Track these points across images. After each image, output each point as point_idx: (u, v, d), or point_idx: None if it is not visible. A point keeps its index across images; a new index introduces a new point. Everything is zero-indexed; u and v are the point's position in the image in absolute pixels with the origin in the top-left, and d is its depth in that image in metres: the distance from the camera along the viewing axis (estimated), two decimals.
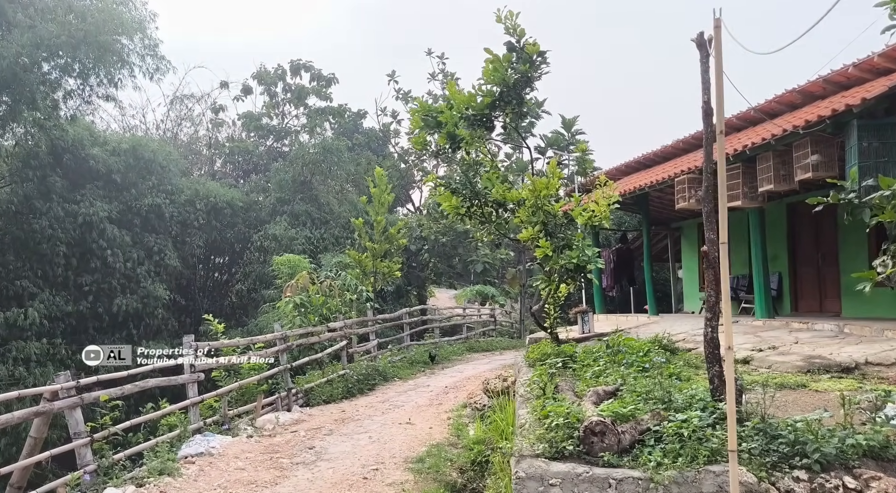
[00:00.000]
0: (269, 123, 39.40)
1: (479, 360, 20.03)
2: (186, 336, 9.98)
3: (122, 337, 26.60)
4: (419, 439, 9.55)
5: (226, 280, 35.44)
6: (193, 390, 9.76)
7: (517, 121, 9.20)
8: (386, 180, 19.69)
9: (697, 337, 12.24)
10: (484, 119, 9.12)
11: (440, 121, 9.25)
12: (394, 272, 19.14)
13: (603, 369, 8.47)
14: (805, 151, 9.87)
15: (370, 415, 11.44)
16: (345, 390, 13.43)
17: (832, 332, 10.92)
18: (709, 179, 6.71)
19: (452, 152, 9.58)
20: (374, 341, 17.41)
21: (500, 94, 8.87)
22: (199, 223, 30.40)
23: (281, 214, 32.42)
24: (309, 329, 13.77)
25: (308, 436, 9.95)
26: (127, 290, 26.71)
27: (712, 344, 6.38)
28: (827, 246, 14.52)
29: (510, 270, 37.41)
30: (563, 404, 5.90)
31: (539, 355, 10.12)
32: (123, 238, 26.85)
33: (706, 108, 6.63)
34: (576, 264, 8.36)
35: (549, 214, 8.77)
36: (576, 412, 5.49)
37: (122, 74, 24.15)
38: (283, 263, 19.02)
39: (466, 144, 9.20)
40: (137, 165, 28.28)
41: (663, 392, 6.04)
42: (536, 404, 6.47)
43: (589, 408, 6.04)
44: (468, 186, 9.60)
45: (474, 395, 11.24)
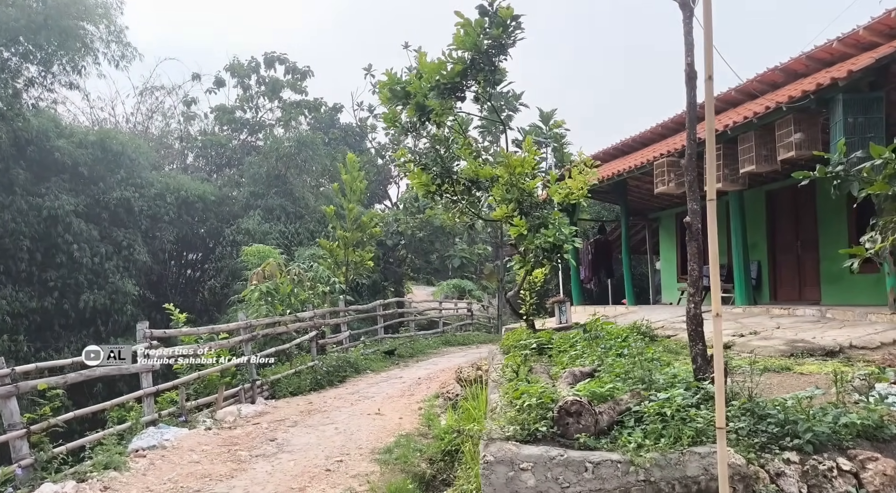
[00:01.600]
0: (243, 117, 38.69)
1: (455, 353, 19.59)
2: (140, 323, 9.42)
3: (90, 334, 25.94)
4: (388, 429, 9.08)
5: (198, 277, 34.72)
6: (147, 379, 9.20)
7: (490, 89, 8.74)
8: (358, 167, 19.14)
9: (677, 324, 11.91)
10: (455, 88, 8.64)
11: (408, 91, 8.77)
12: (366, 262, 18.62)
13: (580, 353, 8.07)
14: (788, 129, 9.53)
15: (338, 407, 10.95)
16: (313, 381, 12.90)
17: (814, 317, 10.62)
18: (692, 147, 6.33)
19: (422, 125, 9.09)
20: (345, 332, 16.89)
21: (471, 61, 8.40)
22: (170, 217, 29.67)
23: (254, 209, 31.79)
24: (276, 319, 13.21)
25: (271, 428, 9.44)
26: (94, 285, 26.00)
27: (695, 321, 5.98)
28: (806, 233, 14.27)
29: (487, 265, 37.04)
30: (537, 386, 5.47)
31: (514, 342, 9.71)
32: (91, 232, 26.14)
33: (689, 71, 6.23)
34: (552, 243, 7.94)
35: (524, 192, 8.34)
36: (550, 392, 5.05)
37: (87, 62, 23.37)
38: (252, 253, 18.43)
39: (436, 115, 8.72)
40: (105, 158, 27.51)
41: (644, 372, 5.63)
42: (508, 386, 6.03)
43: (564, 389, 5.61)
44: (439, 162, 9.13)
45: (447, 384, 10.79)
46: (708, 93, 4.25)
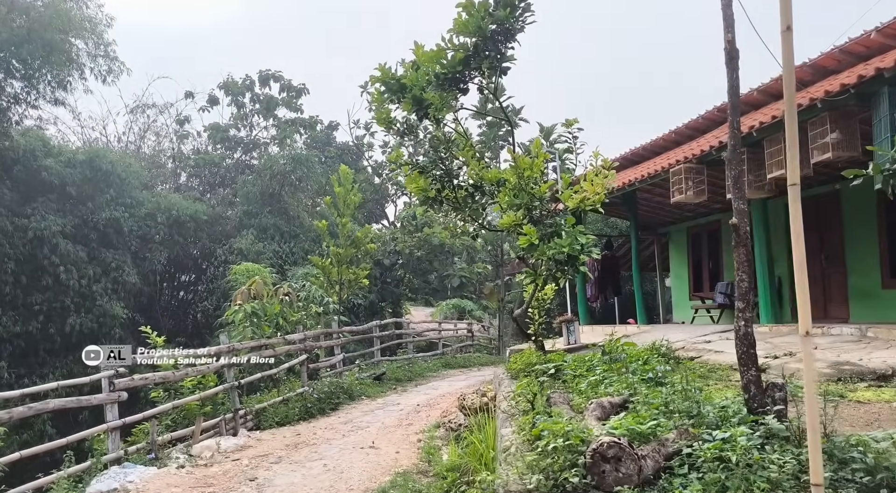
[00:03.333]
0: (237, 135, 37.93)
1: (456, 376, 18.55)
2: (103, 348, 8.44)
3: (76, 359, 24.89)
4: (383, 466, 8.06)
5: (191, 298, 33.76)
6: (112, 412, 8.19)
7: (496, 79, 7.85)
8: (351, 179, 18.23)
9: (699, 345, 10.96)
10: (456, 78, 7.75)
11: (404, 84, 7.88)
12: (360, 280, 17.65)
13: (600, 378, 7.11)
14: (823, 128, 8.65)
15: (329, 439, 9.92)
16: (303, 410, 11.86)
17: (853, 336, 9.66)
18: (735, 137, 5.42)
19: (420, 121, 8.19)
20: (339, 355, 15.87)
21: (474, 47, 7.51)
22: (161, 238, 28.83)
23: (248, 228, 30.95)
24: (262, 342, 12.21)
25: (251, 465, 8.42)
26: (81, 309, 25.17)
27: (746, 342, 5.04)
28: (831, 247, 13.35)
29: (487, 284, 36.08)
30: (560, 421, 4.51)
31: (523, 366, 8.76)
32: (78, 254, 25.38)
33: (730, 48, 5.35)
34: (567, 253, 7.01)
35: (534, 198, 7.43)
36: (578, 430, 4.09)
37: (73, 76, 22.51)
38: (240, 272, 17.48)
39: (435, 110, 7.83)
40: (95, 178, 26.77)
41: (689, 403, 4.66)
42: (524, 421, 5.06)
43: (593, 425, 4.65)
44: (439, 165, 8.21)
45: (449, 413, 9.79)
46: (786, 47, 3.32)
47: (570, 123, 7.96)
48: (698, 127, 13.49)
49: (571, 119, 7.98)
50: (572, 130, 7.95)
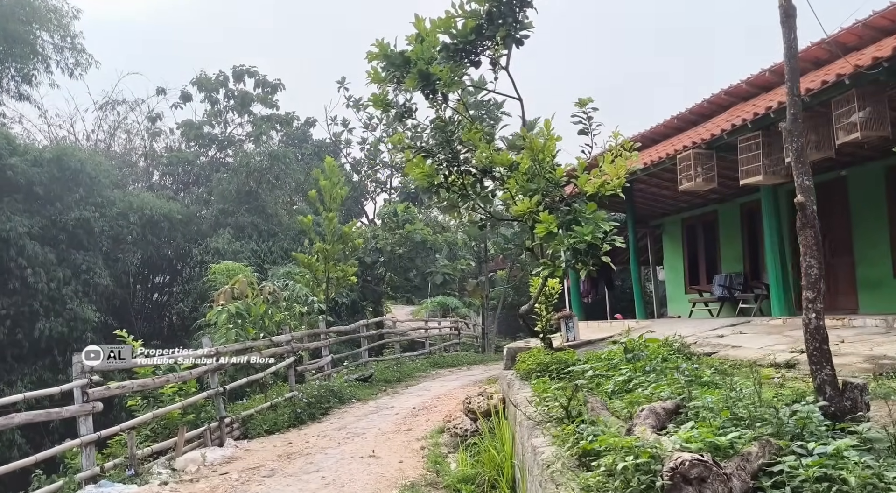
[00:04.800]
0: (211, 132, 36.90)
1: (446, 376, 17.93)
2: (77, 354, 7.66)
3: (46, 365, 24.17)
4: (387, 478, 7.40)
5: (166, 301, 32.76)
6: (86, 425, 7.42)
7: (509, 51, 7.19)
8: (338, 172, 17.47)
9: (711, 340, 10.42)
10: (467, 49, 7.09)
11: (408, 58, 7.20)
12: (349, 277, 16.91)
13: (627, 378, 6.49)
14: (850, 107, 8.13)
15: (324, 447, 9.22)
16: (292, 416, 11.13)
17: (880, 328, 9.17)
18: (796, 105, 4.84)
19: (426, 98, 7.51)
20: (327, 356, 15.13)
21: (487, 14, 6.82)
22: (134, 238, 27.88)
23: (224, 227, 30.02)
24: (247, 344, 11.45)
25: (242, 479, 7.69)
26: (51, 313, 24.24)
27: (818, 336, 4.46)
28: (838, 235, 12.90)
29: (471, 281, 35.48)
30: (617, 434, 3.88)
31: (534, 366, 8.11)
32: (47, 256, 24.45)
33: (786, 6, 4.77)
34: (589, 242, 6.41)
35: (550, 182, 6.80)
36: (650, 445, 3.45)
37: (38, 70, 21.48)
38: (220, 271, 16.64)
39: (444, 85, 7.16)
40: (63, 177, 25.82)
41: (764, 409, 4.05)
42: (566, 431, 4.42)
43: (649, 436, 4.01)
44: (446, 147, 7.54)
45: (453, 417, 9.14)
46: None
47: (584, 102, 7.35)
48: (703, 112, 12.96)
49: (585, 98, 7.37)
50: (586, 109, 7.34)
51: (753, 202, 14.99)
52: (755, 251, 15.03)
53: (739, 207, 15.35)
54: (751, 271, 15.11)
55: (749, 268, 15.15)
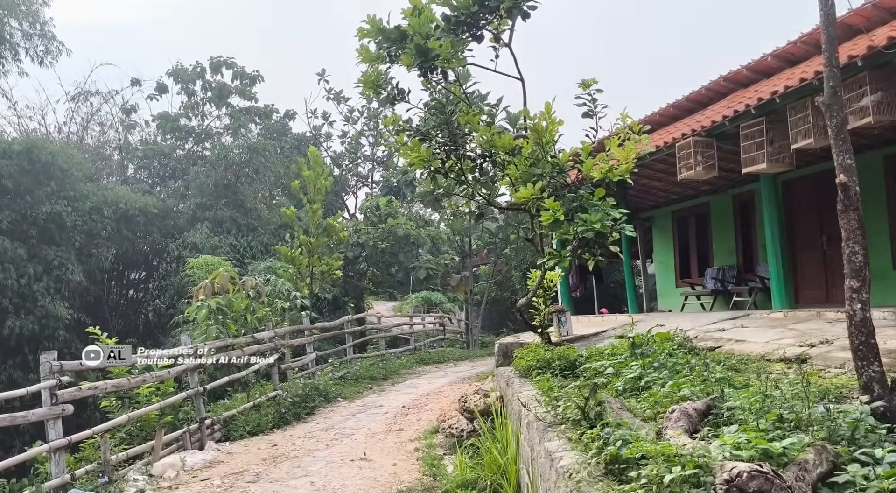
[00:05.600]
0: (188, 125, 36.09)
1: (433, 373, 17.50)
2: (45, 354, 7.11)
3: (16, 364, 23.51)
4: (381, 482, 6.95)
5: (141, 297, 32.00)
6: (56, 429, 6.87)
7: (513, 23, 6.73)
8: (322, 162, 16.91)
9: (712, 334, 10.08)
10: (469, 22, 6.64)
11: (404, 32, 6.72)
12: (334, 271, 16.39)
13: (637, 375, 6.11)
14: (861, 90, 7.80)
15: (311, 450, 8.74)
16: (277, 416, 10.63)
17: (888, 320, 8.87)
18: (835, 78, 4.47)
19: (424, 75, 7.04)
20: (311, 354, 14.61)
21: None
22: (108, 233, 27.13)
23: (202, 221, 29.32)
24: (228, 341, 10.91)
25: (224, 486, 7.21)
26: (21, 310, 23.59)
27: (863, 330, 4.09)
28: (834, 228, 12.57)
29: (454, 276, 35.01)
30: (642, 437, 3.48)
31: (534, 362, 7.70)
32: (16, 251, 23.78)
33: None
34: (597, 230, 6.01)
35: (556, 167, 6.38)
36: (698, 453, 3.04)
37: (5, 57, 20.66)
38: (199, 266, 16.07)
39: (443, 61, 6.70)
40: (33, 170, 25.11)
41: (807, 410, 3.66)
42: (589, 435, 3.99)
43: (686, 441, 3.62)
44: (444, 129, 7.07)
45: (448, 417, 8.71)
46: None
47: (588, 83, 6.94)
48: (700, 100, 12.61)
49: (589, 79, 6.97)
50: (591, 91, 6.94)
51: (746, 194, 14.71)
52: (749, 244, 14.76)
53: (732, 199, 15.07)
54: (744, 263, 14.83)
55: (742, 261, 14.87)
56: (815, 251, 13.03)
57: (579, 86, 6.96)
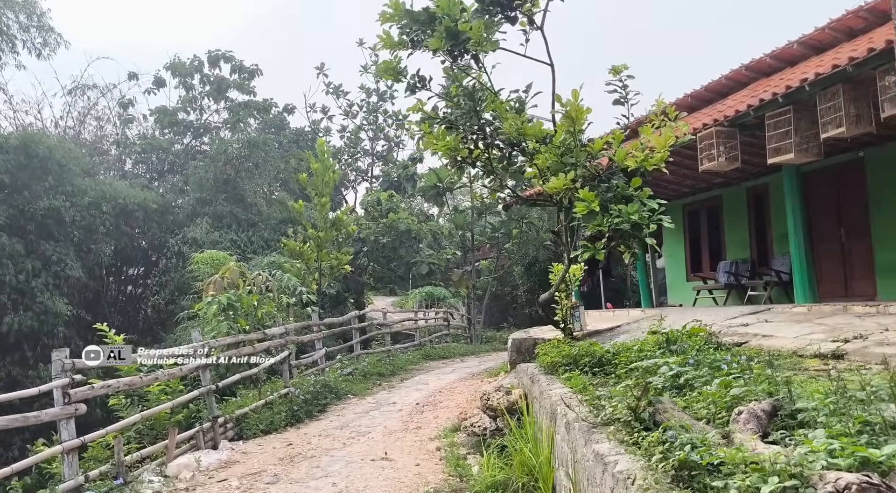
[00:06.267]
0: (186, 119, 35.73)
1: (441, 369, 17.26)
2: (57, 351, 6.84)
3: (15, 361, 23.26)
4: (406, 484, 6.71)
5: (140, 293, 31.71)
6: (69, 429, 6.62)
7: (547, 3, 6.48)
8: (330, 154, 16.62)
9: (736, 329, 9.82)
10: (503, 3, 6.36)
11: (433, 14, 6.46)
12: (343, 265, 16.11)
13: (675, 373, 5.87)
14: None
15: (328, 449, 8.49)
16: (289, 414, 10.37)
17: None
18: None
19: (454, 60, 6.78)
20: (321, 350, 14.34)
21: None
22: (107, 228, 26.84)
23: (202, 216, 29.05)
24: (239, 338, 10.65)
25: (243, 488, 6.96)
26: (20, 306, 23.32)
27: None
28: (853, 220, 12.42)
29: (455, 271, 34.80)
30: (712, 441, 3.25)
31: (560, 358, 7.47)
32: (14, 247, 23.51)
33: None
34: (634, 222, 5.77)
35: (590, 155, 6.13)
36: (796, 463, 2.80)
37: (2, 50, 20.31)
38: (204, 260, 15.78)
39: (475, 44, 6.44)
40: (30, 164, 24.80)
41: None
42: (650, 439, 3.76)
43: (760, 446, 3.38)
44: (473, 117, 6.80)
45: (469, 414, 8.47)
46: None
47: (619, 69, 6.69)
48: (719, 90, 12.37)
49: (619, 65, 6.72)
50: (621, 77, 6.69)
51: (760, 186, 14.49)
52: (763, 237, 14.54)
53: (746, 192, 14.84)
54: (758, 257, 14.61)
55: (756, 254, 14.66)
56: (834, 244, 12.81)
57: (610, 72, 6.72)
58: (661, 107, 6.50)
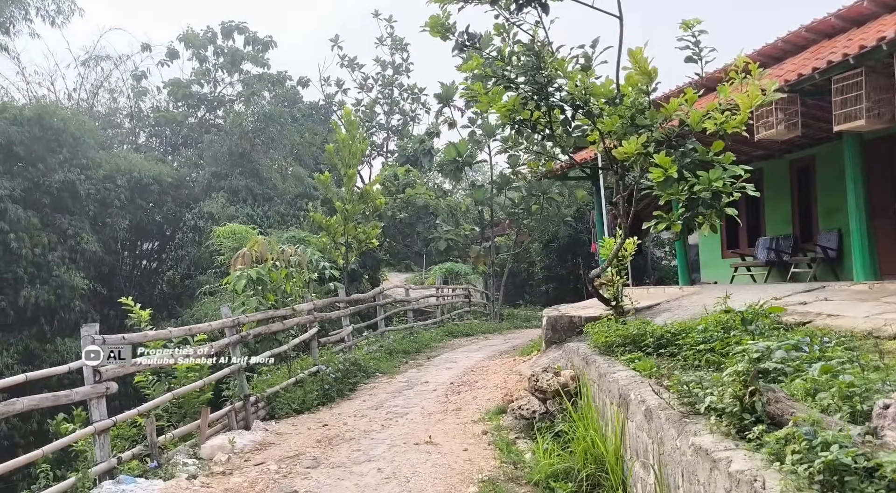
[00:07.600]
0: (200, 92, 35.10)
1: (467, 346, 16.86)
2: (86, 326, 6.42)
3: (32, 335, 22.98)
4: (457, 470, 6.29)
5: (155, 267, 31.39)
6: (100, 409, 6.21)
7: None
8: (358, 124, 16.06)
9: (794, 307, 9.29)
10: None
11: None
12: (371, 239, 15.66)
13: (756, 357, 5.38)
14: None
15: (366, 431, 8.09)
16: (321, 393, 9.97)
17: None
18: None
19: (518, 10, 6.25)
20: (348, 327, 13.93)
21: None
22: (122, 202, 26.43)
23: (217, 191, 28.55)
24: (270, 314, 10.22)
25: (283, 471, 6.56)
26: (36, 280, 23.01)
27: None
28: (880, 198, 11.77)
29: (473, 247, 34.36)
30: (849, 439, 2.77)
31: (616, 338, 6.99)
32: (30, 220, 23.13)
33: None
34: (717, 190, 5.27)
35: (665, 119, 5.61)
36: None
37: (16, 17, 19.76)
38: (226, 234, 15.33)
39: None
40: (45, 137, 24.34)
41: None
42: (776, 435, 3.28)
43: None
44: (537, 74, 6.25)
45: (515, 396, 8.02)
46: None
47: (689, 23, 6.13)
48: (774, 54, 11.68)
49: (690, 19, 6.16)
50: (693, 31, 6.13)
51: (805, 158, 13.87)
52: (807, 212, 13.95)
53: (789, 164, 14.24)
54: (801, 233, 14.03)
55: (799, 230, 14.07)
56: (889, 219, 12.19)
57: (681, 26, 6.15)
58: (742, 62, 5.93)
